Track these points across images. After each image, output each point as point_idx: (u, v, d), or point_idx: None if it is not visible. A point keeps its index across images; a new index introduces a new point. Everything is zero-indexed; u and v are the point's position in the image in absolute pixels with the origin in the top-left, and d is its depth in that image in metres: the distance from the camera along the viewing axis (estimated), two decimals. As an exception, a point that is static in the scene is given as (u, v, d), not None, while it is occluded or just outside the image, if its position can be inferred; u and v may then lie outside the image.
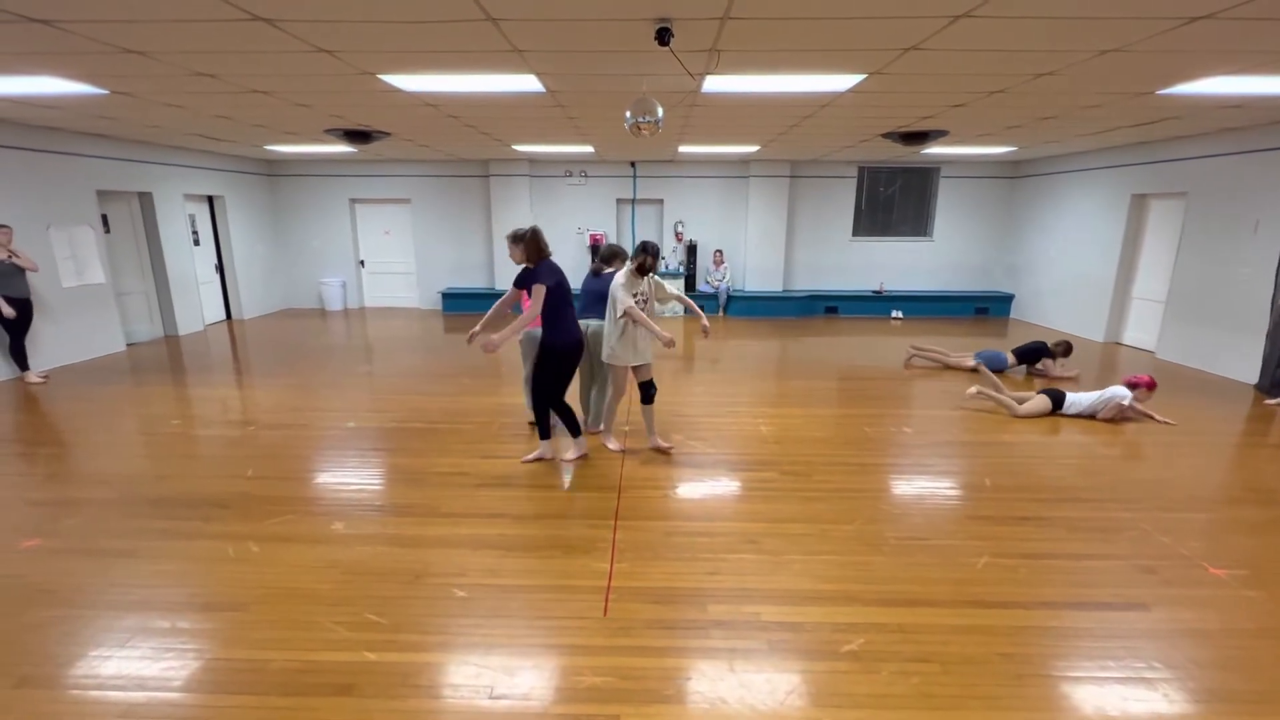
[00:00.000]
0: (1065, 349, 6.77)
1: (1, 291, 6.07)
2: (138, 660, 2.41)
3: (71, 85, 4.70)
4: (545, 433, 4.35)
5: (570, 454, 4.42)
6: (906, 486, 4.07)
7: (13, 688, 2.27)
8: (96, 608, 2.73)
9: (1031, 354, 6.85)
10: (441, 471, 4.20)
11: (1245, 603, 2.82)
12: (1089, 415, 5.35)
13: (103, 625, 2.61)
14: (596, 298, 4.57)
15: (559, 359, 4.09)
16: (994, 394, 5.57)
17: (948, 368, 7.14)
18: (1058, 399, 5.42)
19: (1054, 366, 6.78)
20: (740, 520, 3.56)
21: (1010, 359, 6.85)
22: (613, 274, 4.44)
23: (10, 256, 6.17)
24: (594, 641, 2.53)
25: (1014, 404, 5.45)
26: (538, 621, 2.66)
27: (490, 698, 2.23)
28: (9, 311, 6.06)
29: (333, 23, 3.30)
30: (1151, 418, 5.28)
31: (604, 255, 4.71)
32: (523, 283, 4.06)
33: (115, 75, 4.42)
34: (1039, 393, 5.51)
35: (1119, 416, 5.28)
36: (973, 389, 5.68)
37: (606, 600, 2.80)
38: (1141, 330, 8.34)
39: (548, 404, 4.21)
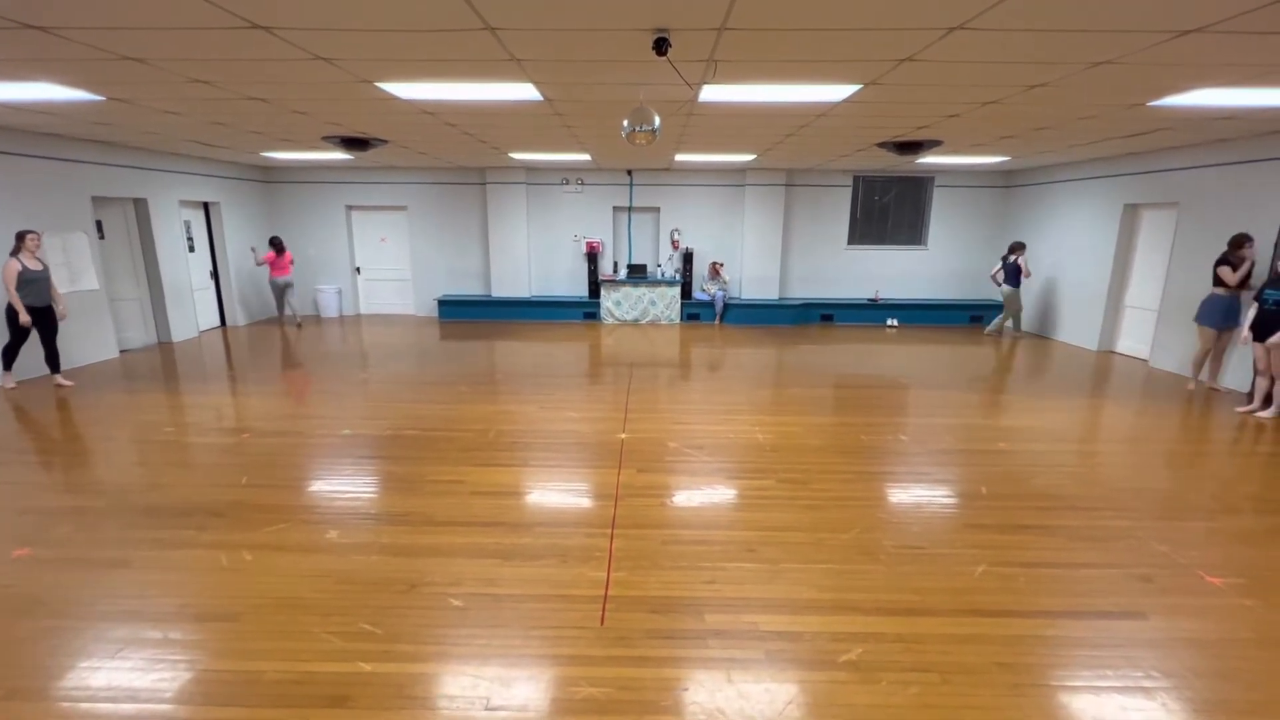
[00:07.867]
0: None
1: (27, 300, 6.01)
2: (129, 672, 2.38)
3: (68, 91, 4.69)
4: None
5: None
6: (904, 495, 4.07)
7: (2, 699, 2.24)
8: (88, 618, 2.70)
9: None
10: (437, 479, 4.18)
11: (1243, 611, 2.83)
12: None
13: (94, 636, 2.58)
14: None
15: None
16: None
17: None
18: None
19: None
20: (738, 529, 3.55)
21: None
22: None
23: (45, 268, 6.21)
24: (591, 651, 2.52)
25: None
26: (534, 631, 2.64)
27: (486, 709, 2.21)
28: (25, 319, 6.00)
29: (331, 31, 3.30)
30: None
31: None
32: None
33: (112, 82, 4.42)
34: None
35: None
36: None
37: (603, 610, 2.79)
38: (1135, 339, 8.39)
39: None
